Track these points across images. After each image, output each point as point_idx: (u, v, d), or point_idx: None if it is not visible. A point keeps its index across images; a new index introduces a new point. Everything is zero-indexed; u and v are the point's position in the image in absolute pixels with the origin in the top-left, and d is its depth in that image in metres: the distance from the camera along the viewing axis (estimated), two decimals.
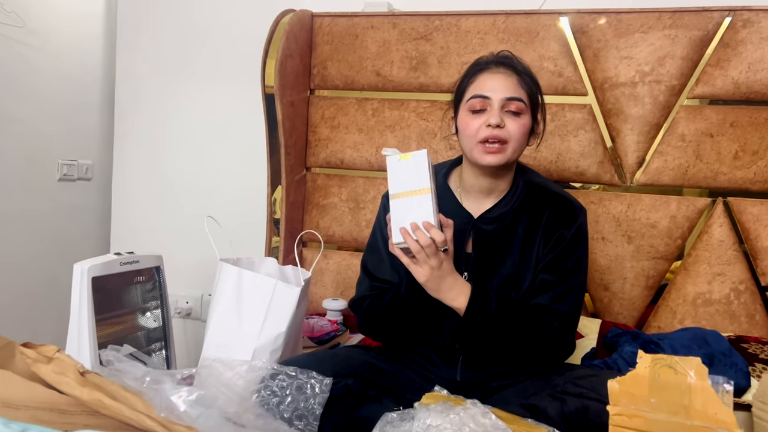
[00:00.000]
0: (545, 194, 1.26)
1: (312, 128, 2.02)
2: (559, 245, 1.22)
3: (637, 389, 0.80)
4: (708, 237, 1.71)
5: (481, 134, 1.17)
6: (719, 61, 1.68)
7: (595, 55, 1.76)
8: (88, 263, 1.51)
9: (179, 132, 2.25)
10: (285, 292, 1.29)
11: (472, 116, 1.20)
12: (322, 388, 1.10)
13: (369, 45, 1.94)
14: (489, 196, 1.27)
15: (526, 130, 1.21)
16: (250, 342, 1.27)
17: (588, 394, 1.02)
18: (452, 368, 1.25)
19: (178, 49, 2.24)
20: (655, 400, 0.79)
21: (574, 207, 1.25)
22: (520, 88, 1.19)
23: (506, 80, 1.19)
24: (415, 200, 1.08)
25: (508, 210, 1.25)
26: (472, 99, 1.19)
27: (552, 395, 1.06)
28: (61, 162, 2.73)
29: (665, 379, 0.79)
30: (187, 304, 2.22)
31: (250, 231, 2.09)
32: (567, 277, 1.21)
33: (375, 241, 1.34)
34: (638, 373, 0.80)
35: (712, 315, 1.70)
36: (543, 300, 1.20)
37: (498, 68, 1.21)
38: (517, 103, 1.18)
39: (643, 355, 0.80)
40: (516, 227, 1.24)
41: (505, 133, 1.17)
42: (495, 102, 1.17)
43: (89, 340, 1.49)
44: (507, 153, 1.18)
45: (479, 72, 1.22)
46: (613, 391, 0.82)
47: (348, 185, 2.00)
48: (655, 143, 1.74)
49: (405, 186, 1.09)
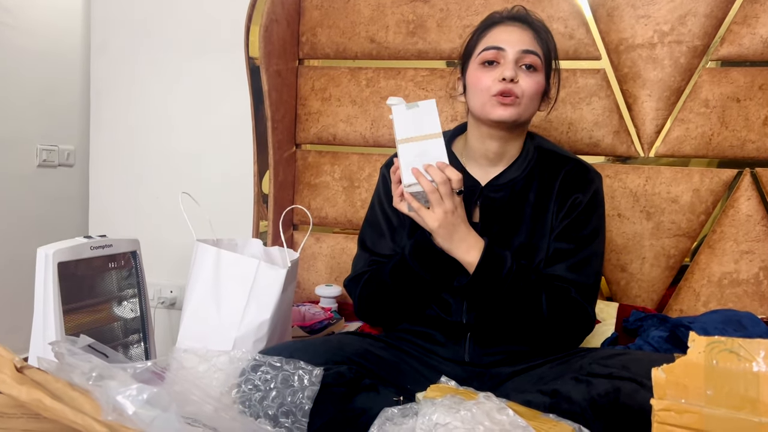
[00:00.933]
0: (558, 159, 1.18)
1: (301, 101, 1.87)
2: (575, 210, 1.12)
3: (690, 379, 0.66)
4: (734, 212, 1.56)
5: (494, 88, 1.08)
6: (746, 18, 1.53)
7: (608, 14, 1.61)
8: (53, 247, 1.37)
9: (159, 109, 2.09)
10: (269, 275, 1.14)
11: (485, 69, 1.11)
12: (312, 380, 0.96)
13: (362, 8, 1.78)
14: (497, 163, 1.17)
15: (540, 89, 1.12)
16: (231, 331, 1.13)
17: (618, 373, 0.90)
18: (459, 346, 1.13)
19: (155, 17, 2.07)
20: (712, 393, 0.64)
21: (588, 171, 1.17)
22: (536, 43, 1.11)
23: (522, 33, 1.11)
24: (428, 143, 1.03)
25: (519, 176, 1.15)
26: (485, 51, 1.11)
27: (576, 378, 0.95)
28: (40, 147, 2.58)
29: (725, 367, 0.64)
30: (171, 294, 2.07)
31: (236, 214, 1.94)
32: (584, 245, 1.11)
33: (374, 215, 1.25)
34: (690, 360, 0.66)
35: (740, 296, 1.56)
36: (559, 270, 1.10)
37: (513, 22, 1.13)
38: (532, 56, 1.09)
39: (695, 337, 0.66)
40: (527, 193, 1.14)
41: (519, 89, 1.08)
42: (510, 54, 1.09)
43: (56, 332, 1.35)
44: (520, 108, 1.09)
45: (493, 25, 1.14)
46: (658, 382, 0.68)
47: (341, 162, 1.84)
48: (676, 110, 1.59)
49: (415, 131, 1.04)
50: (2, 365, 0.77)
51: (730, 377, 0.64)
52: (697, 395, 0.65)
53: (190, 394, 0.87)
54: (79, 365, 0.78)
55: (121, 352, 1.56)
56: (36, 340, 1.36)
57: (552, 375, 1.00)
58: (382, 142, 1.80)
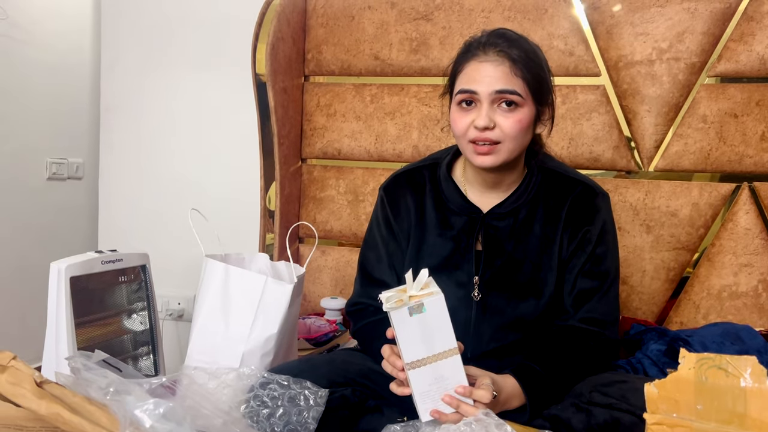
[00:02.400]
0: (563, 182, 1.14)
1: (307, 117, 1.91)
2: (588, 244, 1.10)
3: (681, 394, 0.68)
4: (733, 225, 1.59)
5: (470, 134, 1.04)
6: (743, 36, 1.56)
7: (608, 32, 1.64)
8: (65, 262, 1.40)
9: (167, 125, 2.14)
10: (276, 290, 1.18)
11: (461, 111, 1.05)
12: (317, 400, 0.99)
13: (366, 27, 1.82)
14: (497, 190, 1.14)
15: (524, 125, 1.04)
16: (239, 346, 1.16)
17: (618, 404, 0.90)
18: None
19: (165, 36, 2.12)
20: (702, 407, 0.67)
21: (596, 195, 1.13)
22: (514, 76, 1.02)
23: (495, 69, 1.02)
24: (443, 364, 0.88)
25: (522, 203, 1.12)
26: (459, 93, 1.05)
27: (576, 405, 0.95)
28: (49, 160, 2.62)
29: (714, 383, 0.67)
30: (179, 306, 2.11)
31: (243, 228, 1.97)
32: (606, 279, 1.10)
33: (372, 238, 1.22)
34: (681, 376, 0.69)
35: (740, 309, 1.58)
36: (590, 313, 1.09)
37: (488, 54, 1.03)
38: (508, 95, 1.01)
39: (686, 354, 0.69)
40: (532, 224, 1.11)
41: (497, 134, 1.02)
42: (483, 97, 1.02)
43: (68, 345, 1.38)
44: (501, 154, 1.04)
45: (469, 59, 1.06)
46: (650, 397, 0.70)
47: (346, 177, 1.88)
48: (675, 125, 1.62)
49: (426, 349, 0.87)
50: (22, 380, 0.80)
51: (719, 392, 0.67)
52: (688, 410, 0.68)
53: (201, 408, 0.90)
54: (95, 380, 0.81)
55: (131, 364, 1.59)
56: (48, 354, 1.39)
57: None
58: (386, 157, 1.84)
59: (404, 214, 1.18)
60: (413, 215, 1.17)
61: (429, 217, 1.16)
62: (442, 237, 1.14)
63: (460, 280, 1.12)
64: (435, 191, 1.17)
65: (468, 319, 1.11)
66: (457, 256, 1.13)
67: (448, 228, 1.14)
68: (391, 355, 0.95)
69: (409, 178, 1.20)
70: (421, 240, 1.16)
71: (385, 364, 0.96)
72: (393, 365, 0.93)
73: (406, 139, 1.81)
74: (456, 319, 1.01)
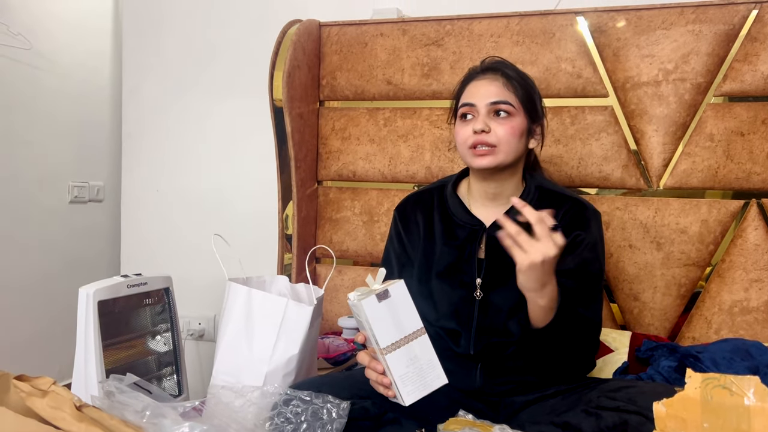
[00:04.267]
0: (557, 198, 1.25)
1: (322, 140, 1.96)
2: (578, 247, 1.19)
3: (688, 413, 0.72)
4: (742, 241, 1.62)
5: (469, 141, 1.19)
6: (747, 56, 1.60)
7: (614, 54, 1.69)
8: (93, 287, 1.45)
9: (187, 149, 2.21)
10: (297, 312, 1.22)
11: (463, 123, 1.22)
12: (340, 412, 1.03)
13: (379, 53, 1.88)
14: (498, 202, 1.25)
15: (518, 132, 1.19)
16: (262, 366, 1.20)
17: (625, 407, 0.96)
18: (471, 376, 1.20)
19: (185, 64, 2.20)
20: (708, 425, 0.70)
21: (587, 209, 1.24)
22: (507, 90, 1.19)
23: (490, 85, 1.20)
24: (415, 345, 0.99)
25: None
26: (461, 108, 1.22)
27: (586, 410, 1.00)
28: (71, 184, 2.70)
29: (719, 402, 0.70)
30: (200, 326, 2.16)
31: (262, 248, 2.03)
32: (593, 283, 1.19)
33: (387, 252, 1.35)
34: (688, 395, 0.72)
35: (751, 324, 1.60)
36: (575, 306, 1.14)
37: (484, 74, 1.22)
38: (502, 105, 1.18)
39: (692, 374, 0.72)
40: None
41: (493, 138, 1.17)
42: (480, 107, 1.18)
43: (97, 367, 1.43)
44: (498, 156, 1.17)
45: (468, 82, 1.24)
46: (659, 415, 0.74)
47: (361, 198, 1.93)
48: (682, 144, 1.65)
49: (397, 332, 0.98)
50: (62, 404, 0.85)
51: (724, 411, 0.70)
52: (695, 428, 0.71)
53: (228, 428, 0.94)
54: (130, 403, 0.86)
55: (156, 384, 1.64)
56: (78, 375, 1.44)
57: (564, 406, 1.06)
58: (400, 178, 1.89)
59: (414, 229, 1.31)
60: (422, 229, 1.29)
61: (437, 230, 1.28)
62: (447, 246, 1.25)
63: (463, 283, 1.22)
64: (442, 207, 1.29)
65: (471, 316, 1.20)
66: (461, 262, 1.23)
67: (454, 239, 1.25)
68: (371, 361, 1.02)
69: (419, 199, 1.34)
70: (429, 250, 1.27)
71: (368, 371, 1.03)
72: (374, 369, 1.01)
73: (418, 161, 1.86)
74: (459, 316, 1.17)
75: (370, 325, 0.97)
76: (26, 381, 0.90)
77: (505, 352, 1.19)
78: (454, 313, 1.21)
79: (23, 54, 2.43)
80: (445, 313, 1.21)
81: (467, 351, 1.19)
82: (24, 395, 0.87)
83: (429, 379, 0.99)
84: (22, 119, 2.45)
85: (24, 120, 2.46)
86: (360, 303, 0.96)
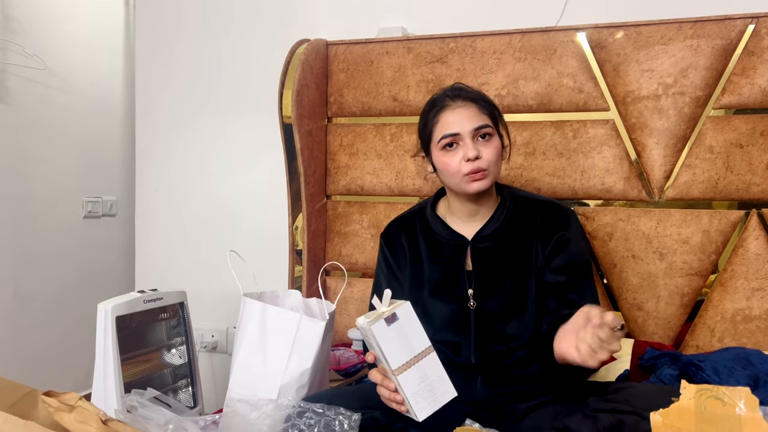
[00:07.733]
0: (533, 204, 1.31)
1: (331, 156, 2.01)
2: (565, 246, 1.25)
3: (683, 423, 0.75)
4: (744, 251, 1.65)
5: (464, 169, 1.22)
6: (745, 70, 1.63)
7: (615, 69, 1.73)
8: (111, 302, 1.50)
9: (200, 166, 2.26)
10: (310, 328, 1.26)
11: (448, 153, 1.24)
12: (351, 424, 1.07)
13: (385, 70, 1.93)
14: (476, 216, 1.31)
15: (500, 149, 1.26)
16: (276, 380, 1.25)
17: (620, 407, 1.01)
18: (471, 387, 1.24)
19: (196, 83, 2.26)
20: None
21: (563, 210, 1.30)
22: (482, 114, 1.24)
23: (468, 111, 1.23)
24: (424, 364, 1.03)
25: (500, 225, 1.29)
26: (443, 138, 1.24)
27: (584, 414, 1.05)
28: (85, 199, 2.77)
29: (712, 412, 0.74)
30: (213, 338, 2.21)
31: (273, 261, 2.07)
32: (584, 274, 1.25)
33: (377, 277, 1.41)
34: (683, 405, 0.76)
35: (753, 332, 1.63)
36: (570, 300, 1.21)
37: (456, 102, 1.25)
38: (484, 129, 1.23)
39: (686, 385, 0.76)
40: (512, 240, 1.28)
41: (485, 162, 1.22)
42: (464, 135, 1.22)
43: (115, 381, 1.47)
44: (489, 178, 1.23)
45: (440, 111, 1.26)
46: (656, 425, 0.78)
47: (369, 211, 1.98)
48: (683, 156, 1.69)
49: (407, 353, 1.02)
50: (89, 418, 0.90)
51: (716, 421, 0.74)
52: None
53: None
54: (152, 417, 0.90)
55: (171, 396, 1.68)
56: (97, 389, 1.49)
57: (565, 411, 1.10)
58: (407, 192, 1.93)
59: (400, 252, 1.36)
60: (408, 251, 1.35)
61: (422, 250, 1.33)
62: (435, 264, 1.31)
63: (455, 296, 1.27)
64: (424, 228, 1.35)
65: (468, 325, 1.25)
66: (450, 277, 1.28)
67: (440, 256, 1.31)
68: (383, 380, 1.06)
69: (401, 223, 1.40)
70: (418, 270, 1.33)
71: (380, 389, 1.07)
72: (387, 387, 1.06)
73: (424, 175, 1.90)
74: (457, 327, 1.22)
75: (381, 349, 1.01)
76: (54, 396, 0.94)
77: (505, 362, 1.23)
78: (451, 325, 1.25)
79: (38, 74, 2.50)
80: (442, 327, 1.26)
81: (468, 360, 1.24)
82: (52, 410, 0.92)
83: (439, 393, 1.04)
84: (36, 137, 2.52)
85: (38, 138, 2.53)
86: (370, 328, 1.01)
